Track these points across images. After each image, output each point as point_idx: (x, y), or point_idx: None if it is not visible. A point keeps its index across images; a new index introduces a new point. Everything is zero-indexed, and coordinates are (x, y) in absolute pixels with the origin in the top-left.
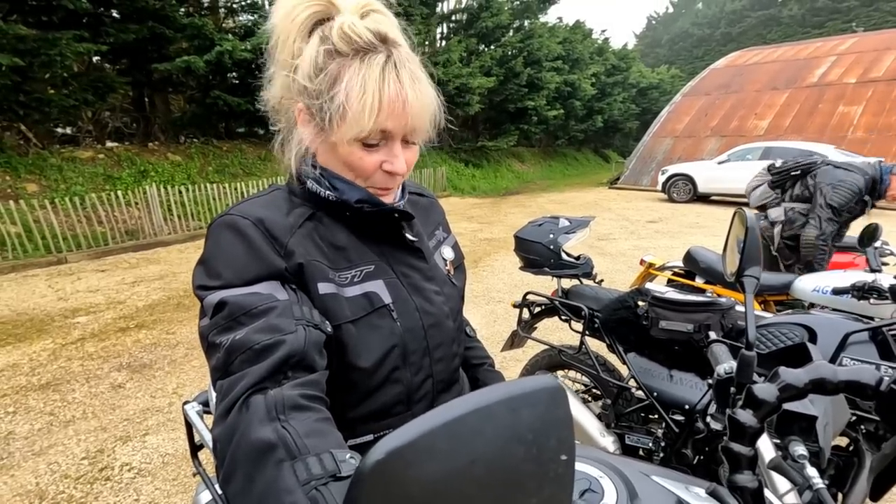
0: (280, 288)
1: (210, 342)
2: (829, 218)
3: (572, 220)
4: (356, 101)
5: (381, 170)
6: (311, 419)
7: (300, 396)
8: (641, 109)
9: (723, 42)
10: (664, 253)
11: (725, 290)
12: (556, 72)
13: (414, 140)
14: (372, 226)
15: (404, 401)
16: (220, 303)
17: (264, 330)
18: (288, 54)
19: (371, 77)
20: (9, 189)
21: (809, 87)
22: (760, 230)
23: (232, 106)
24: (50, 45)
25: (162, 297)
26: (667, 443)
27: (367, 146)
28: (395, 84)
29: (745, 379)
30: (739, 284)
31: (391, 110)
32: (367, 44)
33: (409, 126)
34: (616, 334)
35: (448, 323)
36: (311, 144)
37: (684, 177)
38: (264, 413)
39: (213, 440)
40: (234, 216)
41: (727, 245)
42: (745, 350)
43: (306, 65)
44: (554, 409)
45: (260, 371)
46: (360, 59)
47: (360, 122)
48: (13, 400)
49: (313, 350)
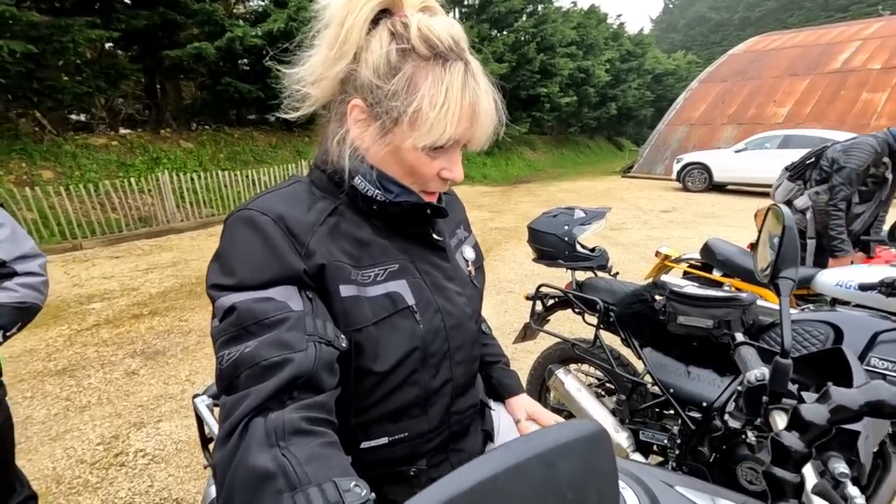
0: (296, 295)
1: (218, 349)
2: (842, 183)
3: (587, 211)
4: (437, 111)
5: (439, 177)
6: (313, 444)
7: (303, 420)
8: (656, 96)
9: (741, 27)
10: (678, 243)
11: (744, 284)
12: (570, 58)
13: (473, 148)
14: (398, 221)
15: (421, 403)
16: (230, 307)
17: (273, 345)
18: (345, 41)
19: (454, 87)
20: (25, 176)
21: (831, 73)
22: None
23: (243, 93)
24: (62, 31)
25: (174, 284)
26: (682, 440)
27: (433, 153)
28: (472, 95)
29: (779, 388)
30: (773, 286)
31: (468, 122)
32: (447, 49)
33: (477, 137)
34: (631, 328)
35: (470, 325)
36: (370, 145)
37: (700, 165)
38: (263, 438)
39: (213, 466)
40: (253, 211)
41: (758, 242)
42: (780, 357)
43: (376, 60)
44: (595, 459)
45: (264, 391)
46: (440, 65)
47: (437, 131)
48: (31, 385)
49: (322, 370)
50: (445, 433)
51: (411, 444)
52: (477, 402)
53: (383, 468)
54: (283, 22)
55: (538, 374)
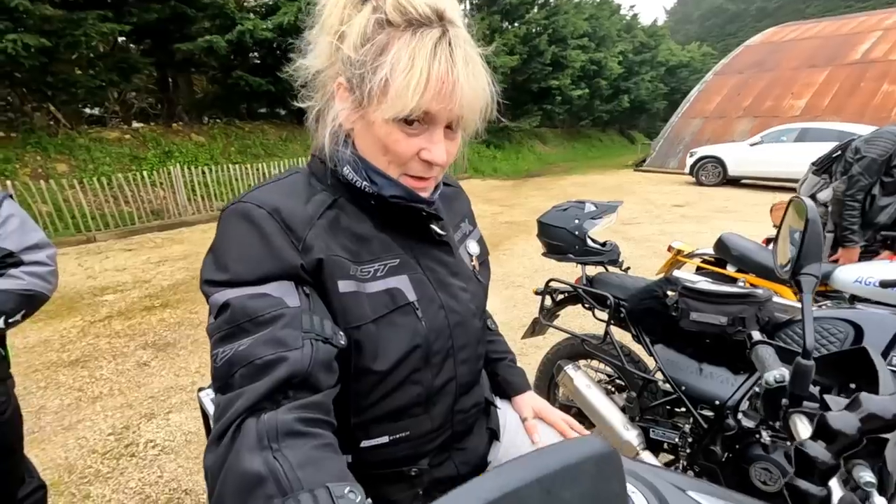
0: (292, 290)
1: (213, 346)
2: (860, 172)
3: (599, 205)
4: (401, 76)
5: (419, 157)
6: (307, 446)
7: (298, 421)
8: (670, 89)
9: (758, 17)
10: (690, 238)
11: (759, 280)
12: (582, 50)
13: (458, 130)
14: (398, 216)
15: (423, 402)
16: (224, 304)
17: (268, 343)
18: (336, 20)
19: (421, 51)
20: (40, 169)
21: (851, 64)
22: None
23: (253, 86)
24: (75, 25)
25: (186, 276)
26: (694, 439)
27: (407, 129)
28: (446, 62)
29: (800, 390)
30: (795, 283)
31: (438, 90)
32: (422, 16)
33: (456, 112)
34: (643, 325)
35: (474, 322)
36: (346, 122)
37: (714, 159)
38: (255, 441)
39: (204, 469)
40: (248, 204)
41: (778, 236)
42: (801, 358)
43: (354, 33)
44: (603, 484)
45: (258, 390)
46: (412, 31)
47: (402, 98)
48: (44, 375)
49: (319, 369)
50: (448, 432)
51: (413, 444)
52: (481, 400)
53: (384, 468)
54: (293, 15)
55: (547, 370)
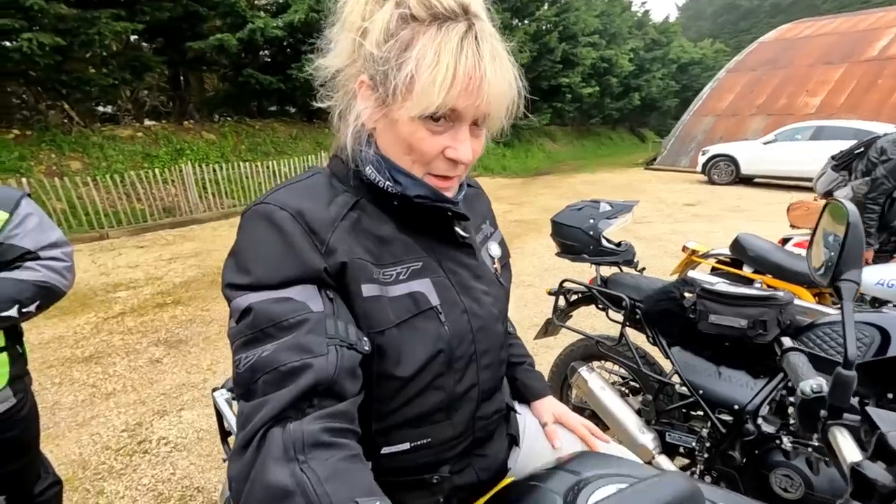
0: (315, 295)
1: (235, 352)
2: (885, 175)
3: (614, 205)
4: (427, 72)
5: (444, 156)
6: (335, 458)
7: (324, 431)
8: (681, 86)
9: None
10: (702, 238)
11: (776, 281)
12: (593, 47)
13: (484, 127)
14: (421, 217)
15: (445, 409)
16: (247, 308)
17: (293, 348)
18: (358, 16)
19: (447, 46)
20: (54, 166)
21: (868, 61)
22: None
23: (264, 84)
24: (89, 24)
25: (197, 273)
26: (712, 443)
27: (432, 126)
28: (473, 57)
29: (841, 402)
30: (835, 290)
31: (465, 87)
32: (448, 10)
33: (483, 109)
34: (659, 327)
35: (497, 327)
36: (368, 121)
37: (727, 157)
38: (281, 452)
39: (229, 479)
40: (271, 206)
41: (813, 240)
42: (842, 369)
43: (377, 29)
44: None
45: (283, 398)
46: (437, 26)
47: (428, 95)
48: (59, 371)
49: (344, 376)
50: (470, 439)
51: (434, 451)
52: (503, 406)
53: (405, 475)
54: (303, 13)
55: (560, 372)
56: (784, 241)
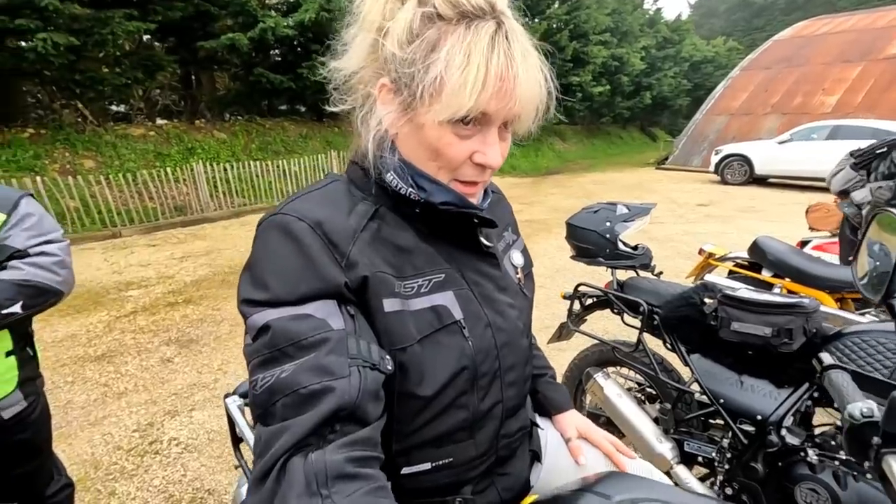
0: (336, 311)
1: (252, 371)
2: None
3: (631, 207)
4: (457, 74)
5: (471, 161)
6: (360, 491)
7: (348, 461)
8: (693, 85)
9: (787, 11)
10: (715, 239)
11: (796, 286)
12: (604, 45)
13: (511, 129)
14: (445, 225)
15: (468, 428)
16: (264, 326)
17: (313, 370)
18: (378, 15)
19: (478, 46)
20: (68, 165)
21: (886, 59)
22: (847, 217)
23: (274, 83)
24: (102, 23)
25: (208, 272)
26: (732, 454)
27: (461, 130)
28: (505, 57)
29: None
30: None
31: (497, 88)
32: (476, 8)
33: (514, 111)
34: (678, 333)
35: (522, 341)
36: (391, 126)
37: (740, 157)
38: (304, 487)
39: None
40: (288, 216)
41: (859, 250)
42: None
43: (399, 29)
44: None
45: (304, 424)
46: (465, 25)
47: (459, 98)
48: (72, 370)
49: (367, 399)
50: (493, 458)
51: (456, 471)
52: (527, 423)
53: (425, 496)
54: (314, 12)
55: (574, 377)
56: (802, 244)
